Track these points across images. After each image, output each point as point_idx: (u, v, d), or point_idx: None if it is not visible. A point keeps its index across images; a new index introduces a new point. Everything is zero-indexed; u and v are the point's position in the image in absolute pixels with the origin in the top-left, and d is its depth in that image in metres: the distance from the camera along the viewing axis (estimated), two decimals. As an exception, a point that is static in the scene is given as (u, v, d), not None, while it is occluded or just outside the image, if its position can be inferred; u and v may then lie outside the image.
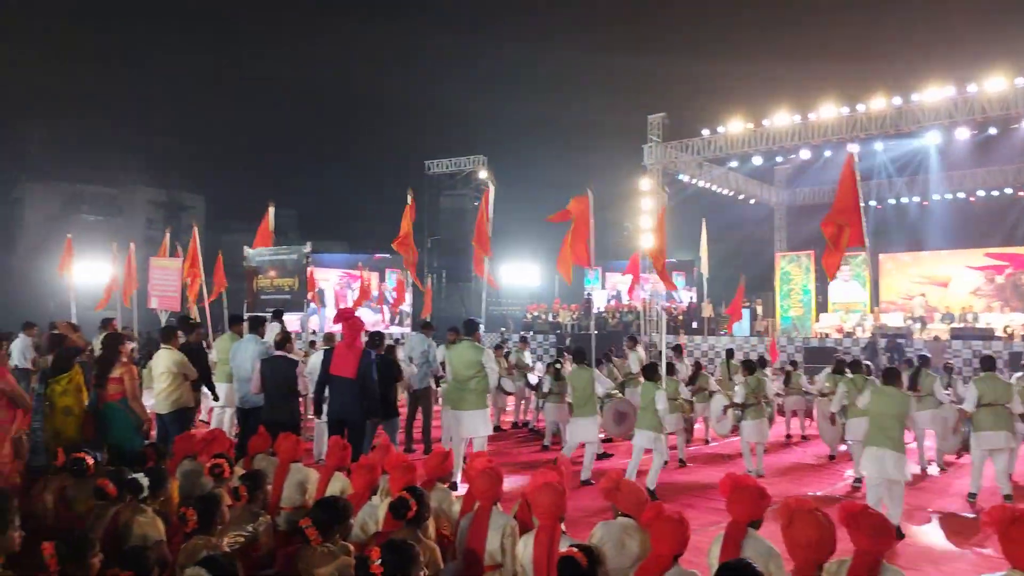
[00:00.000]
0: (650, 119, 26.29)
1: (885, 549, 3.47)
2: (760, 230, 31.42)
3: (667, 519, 3.53)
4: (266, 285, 12.08)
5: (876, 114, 21.44)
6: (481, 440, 7.77)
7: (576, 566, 3.22)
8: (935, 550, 6.33)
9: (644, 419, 8.26)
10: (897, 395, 6.70)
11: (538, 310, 30.11)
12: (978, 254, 25.35)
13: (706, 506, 7.53)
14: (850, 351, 21.00)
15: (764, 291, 28.53)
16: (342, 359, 7.13)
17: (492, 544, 4.09)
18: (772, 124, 23.36)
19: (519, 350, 13.97)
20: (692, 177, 26.85)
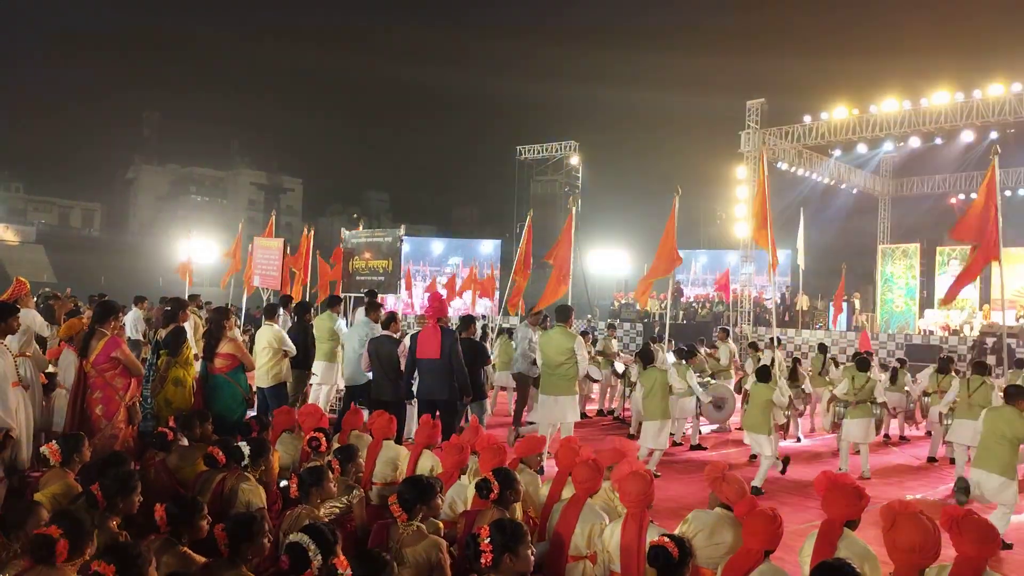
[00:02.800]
0: (748, 104, 25.55)
1: (989, 556, 3.32)
2: (862, 221, 30.17)
3: (760, 514, 3.48)
4: (361, 267, 12.41)
5: (994, 101, 20.22)
6: (568, 426, 7.80)
7: (667, 556, 3.21)
8: None
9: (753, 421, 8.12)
10: (1015, 416, 6.29)
11: (625, 298, 29.83)
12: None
13: (799, 504, 7.34)
14: (956, 350, 20.01)
15: (864, 284, 27.41)
16: (426, 341, 7.33)
17: (579, 536, 4.12)
18: (879, 110, 22.35)
19: (607, 337, 13.90)
20: (791, 165, 25.99)
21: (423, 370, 7.40)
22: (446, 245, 33.73)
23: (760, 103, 25.34)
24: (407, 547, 3.64)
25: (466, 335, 8.41)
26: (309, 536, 3.02)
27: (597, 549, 4.12)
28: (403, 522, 3.75)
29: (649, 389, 8.40)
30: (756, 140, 25.16)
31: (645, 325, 26.79)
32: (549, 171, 33.27)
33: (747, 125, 25.47)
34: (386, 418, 5.70)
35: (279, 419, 6.03)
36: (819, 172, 26.85)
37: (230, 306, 12.76)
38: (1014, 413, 6.31)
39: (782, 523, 3.48)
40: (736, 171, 25.91)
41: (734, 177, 26.01)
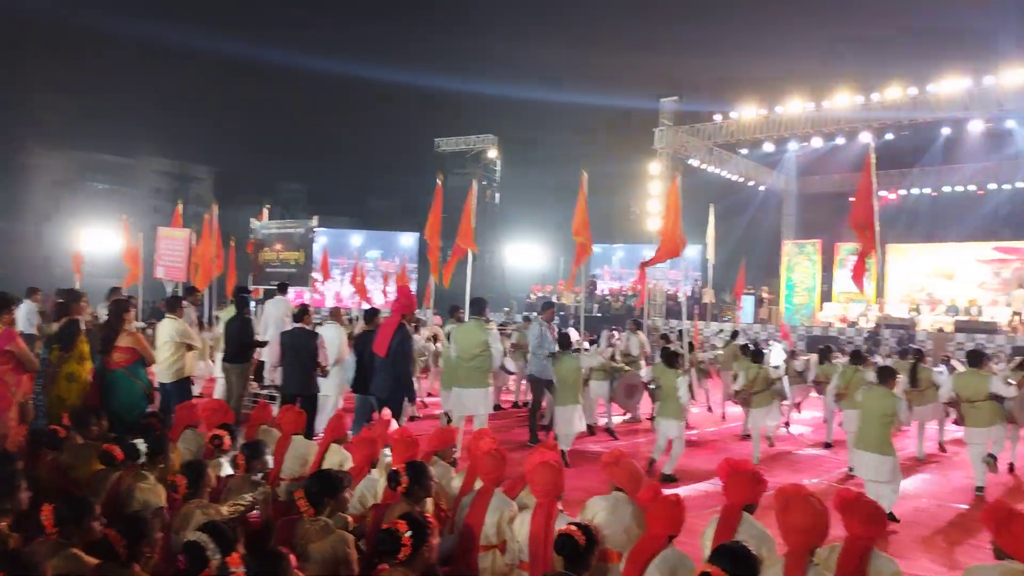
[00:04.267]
0: (662, 103, 26.14)
1: (877, 536, 3.50)
2: (768, 217, 31.30)
3: (664, 500, 3.57)
4: (272, 258, 12.12)
5: (891, 104, 21.28)
6: (481, 418, 7.82)
7: (574, 544, 3.25)
8: (928, 539, 6.36)
9: (667, 408, 8.29)
10: (886, 395, 6.68)
11: (542, 291, 30.11)
12: (987, 247, 25.21)
13: (704, 489, 7.57)
14: (853, 341, 21.00)
15: (770, 279, 28.48)
16: (381, 337, 7.26)
17: (489, 525, 4.14)
18: (785, 111, 23.22)
19: (522, 330, 13.98)
20: (702, 162, 26.72)
21: (377, 366, 7.35)
22: (365, 237, 33.28)
23: (673, 101, 25.95)
24: (312, 543, 3.58)
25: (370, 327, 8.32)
26: (208, 535, 2.93)
27: (507, 538, 4.15)
28: (309, 517, 3.68)
29: (562, 374, 8.52)
30: (669, 137, 25.76)
31: (561, 318, 27.10)
32: (467, 164, 33.23)
33: (661, 122, 26.04)
34: (295, 412, 5.59)
35: (181, 415, 5.82)
36: (729, 169, 27.71)
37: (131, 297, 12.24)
38: (885, 392, 6.68)
39: (684, 508, 3.58)
40: (650, 167, 26.47)
41: (648, 173, 26.56)
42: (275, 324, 9.38)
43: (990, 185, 26.61)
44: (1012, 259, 24.53)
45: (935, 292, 25.11)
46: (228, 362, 8.49)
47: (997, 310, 22.88)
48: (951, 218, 27.85)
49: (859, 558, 3.40)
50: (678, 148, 25.97)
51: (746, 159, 27.82)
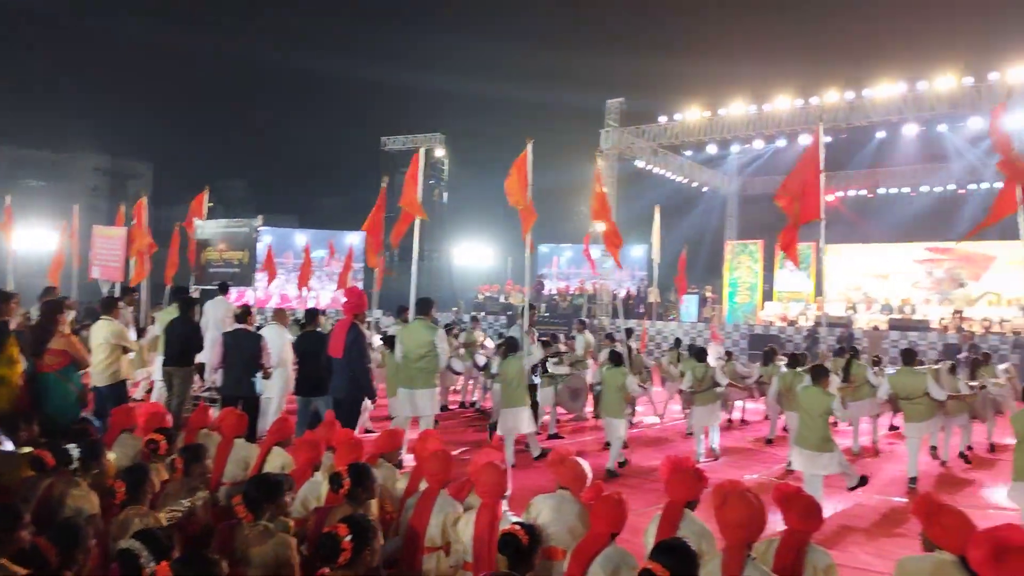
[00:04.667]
0: (608, 103, 26.37)
1: (813, 530, 3.60)
2: (712, 218, 31.87)
3: (607, 499, 3.61)
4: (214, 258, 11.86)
5: (829, 107, 21.85)
6: (427, 419, 7.78)
7: (517, 543, 3.27)
8: (863, 531, 6.55)
9: (610, 406, 8.38)
10: (821, 395, 6.87)
11: (490, 291, 30.13)
12: (919, 248, 26.07)
13: (647, 487, 7.67)
14: (792, 339, 21.53)
15: (714, 278, 28.99)
16: (335, 338, 7.17)
17: (434, 527, 4.14)
18: (728, 113, 23.65)
19: (470, 330, 13.99)
20: (647, 163, 27.06)
21: (335, 368, 7.28)
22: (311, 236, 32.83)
23: (619, 102, 26.21)
24: (253, 547, 3.52)
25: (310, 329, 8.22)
26: (142, 542, 2.86)
27: (452, 540, 4.14)
28: (249, 522, 3.62)
29: (510, 377, 8.53)
30: (615, 138, 26.02)
31: (509, 317, 27.16)
32: (414, 163, 33.03)
33: (607, 123, 26.28)
34: (236, 415, 5.49)
35: (116, 419, 5.66)
36: (673, 170, 28.11)
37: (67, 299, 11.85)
38: (819, 391, 6.88)
39: (627, 507, 3.62)
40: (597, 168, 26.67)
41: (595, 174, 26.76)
42: (216, 325, 9.20)
43: (923, 187, 27.57)
44: (944, 259, 25.42)
45: (871, 291, 25.88)
46: (170, 365, 8.29)
47: (930, 308, 23.70)
48: (886, 219, 28.80)
49: (796, 551, 3.49)
50: (624, 149, 26.25)
51: (690, 160, 28.27)
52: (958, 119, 21.43)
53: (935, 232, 27.02)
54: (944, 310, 23.35)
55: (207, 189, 14.35)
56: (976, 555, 2.81)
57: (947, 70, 20.06)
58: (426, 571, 4.15)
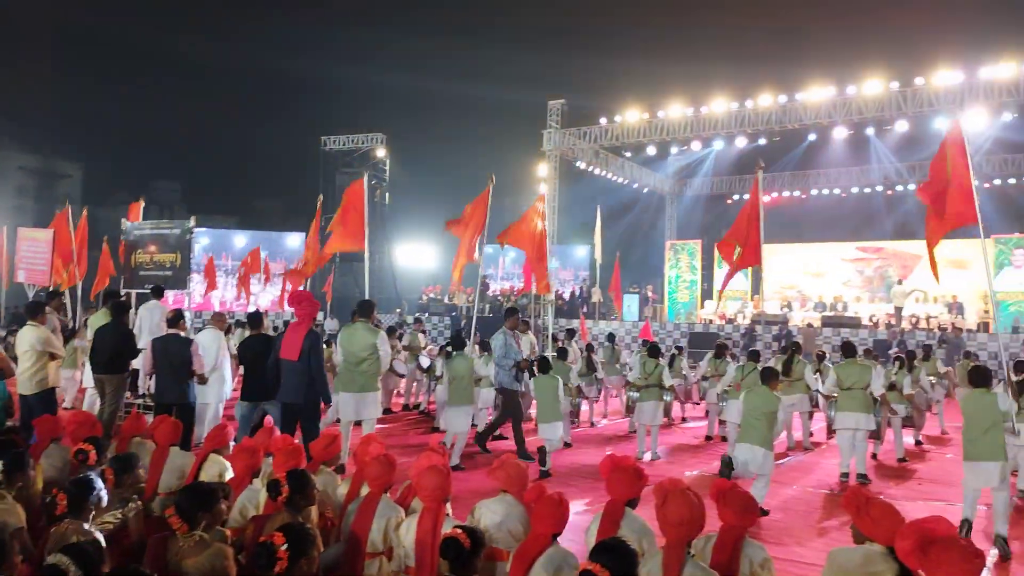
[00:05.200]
0: (550, 104, 26.52)
1: (749, 525, 3.68)
2: (652, 218, 32.35)
3: (548, 499, 3.62)
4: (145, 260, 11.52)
5: (763, 110, 22.39)
6: (370, 423, 7.70)
7: (459, 547, 3.25)
8: (797, 526, 6.72)
9: (546, 412, 8.40)
10: (768, 395, 7.04)
11: (434, 292, 30.01)
12: (850, 247, 26.93)
13: (590, 486, 7.73)
14: (731, 336, 21.99)
15: (654, 278, 29.44)
16: (290, 341, 6.99)
17: (375, 532, 4.10)
18: (666, 116, 24.02)
19: (413, 332, 13.91)
20: (589, 164, 27.31)
21: (285, 371, 7.06)
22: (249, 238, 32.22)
23: (561, 103, 26.38)
24: (188, 559, 3.42)
25: (255, 332, 8.06)
26: (69, 557, 2.76)
27: (393, 544, 4.11)
28: (183, 533, 3.52)
29: (455, 375, 8.52)
30: (557, 139, 26.18)
31: (452, 319, 27.10)
32: (355, 163, 32.64)
33: (549, 124, 26.43)
34: (171, 423, 5.34)
35: (44, 429, 5.44)
36: (614, 172, 28.43)
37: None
38: (768, 392, 7.06)
39: (568, 507, 3.64)
40: (539, 168, 26.82)
41: (537, 175, 26.90)
42: (150, 330, 8.95)
43: (853, 188, 28.47)
44: (873, 258, 26.31)
45: (805, 289, 26.63)
46: (101, 372, 8.02)
47: (861, 306, 24.50)
48: (819, 219, 29.70)
49: (732, 547, 3.56)
50: (566, 150, 26.44)
51: (630, 162, 28.64)
52: (885, 122, 22.20)
53: (865, 232, 28.01)
54: (875, 307, 24.16)
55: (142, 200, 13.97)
56: (903, 546, 2.91)
57: (875, 75, 20.77)
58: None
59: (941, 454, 10.41)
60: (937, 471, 9.19)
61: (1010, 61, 19.29)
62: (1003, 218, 26.25)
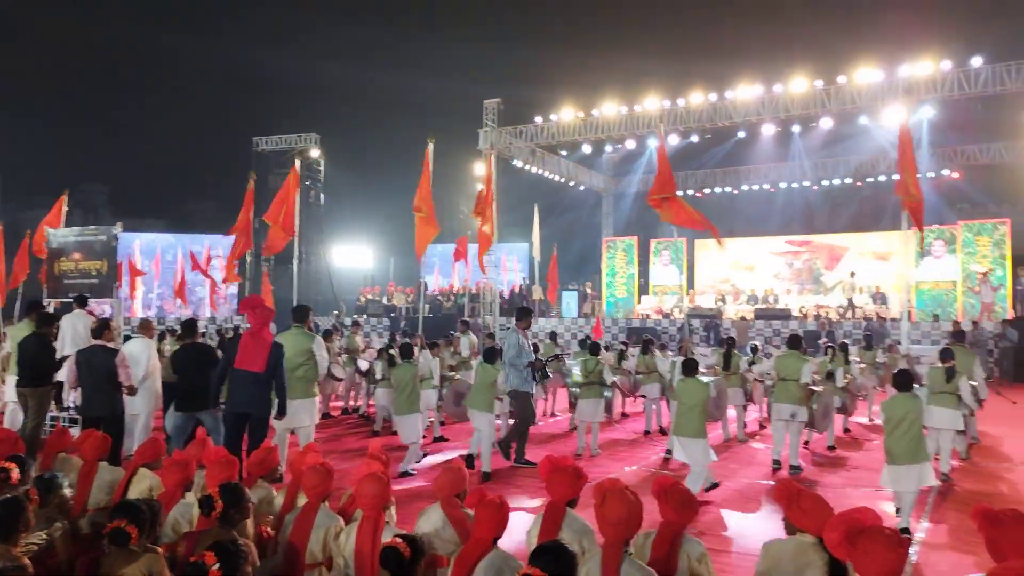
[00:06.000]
0: (486, 104, 26.52)
1: (688, 521, 3.74)
2: (589, 216, 32.67)
3: (487, 504, 3.61)
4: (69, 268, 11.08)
5: (694, 108, 22.83)
6: (307, 430, 7.58)
7: (399, 556, 3.23)
8: (734, 518, 6.88)
9: (478, 399, 8.39)
10: (698, 385, 7.18)
11: (372, 293, 29.71)
12: (779, 241, 27.69)
13: (532, 485, 7.76)
14: (667, 331, 22.37)
15: (592, 274, 29.74)
16: (249, 351, 6.74)
17: (315, 543, 4.04)
18: (601, 114, 24.28)
19: (351, 335, 13.74)
20: (525, 163, 27.42)
21: (239, 380, 6.81)
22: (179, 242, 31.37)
23: (497, 103, 26.41)
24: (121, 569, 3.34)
25: (190, 341, 7.84)
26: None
27: (333, 554, 4.06)
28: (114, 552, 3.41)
29: (401, 385, 8.43)
30: (493, 138, 26.21)
31: (391, 319, 26.89)
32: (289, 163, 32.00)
33: (485, 123, 26.43)
34: (98, 437, 5.16)
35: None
36: (551, 170, 28.61)
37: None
38: (696, 383, 7.21)
39: (508, 510, 3.65)
40: (476, 167, 26.82)
41: (474, 173, 26.91)
42: (74, 341, 8.61)
43: (781, 184, 29.26)
44: (802, 251, 27.10)
45: (738, 283, 27.28)
46: (24, 386, 7.70)
47: (791, 298, 25.21)
48: (749, 214, 30.48)
49: (670, 543, 3.63)
50: (502, 149, 26.49)
51: (566, 160, 28.87)
52: (811, 120, 22.89)
53: (793, 226, 28.85)
54: (804, 299, 24.89)
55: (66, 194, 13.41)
56: (831, 537, 3.00)
57: (800, 74, 21.40)
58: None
59: (870, 441, 10.79)
60: (866, 458, 9.51)
61: (927, 60, 20.09)
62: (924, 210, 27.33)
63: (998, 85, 19.55)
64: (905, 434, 6.32)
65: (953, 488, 7.84)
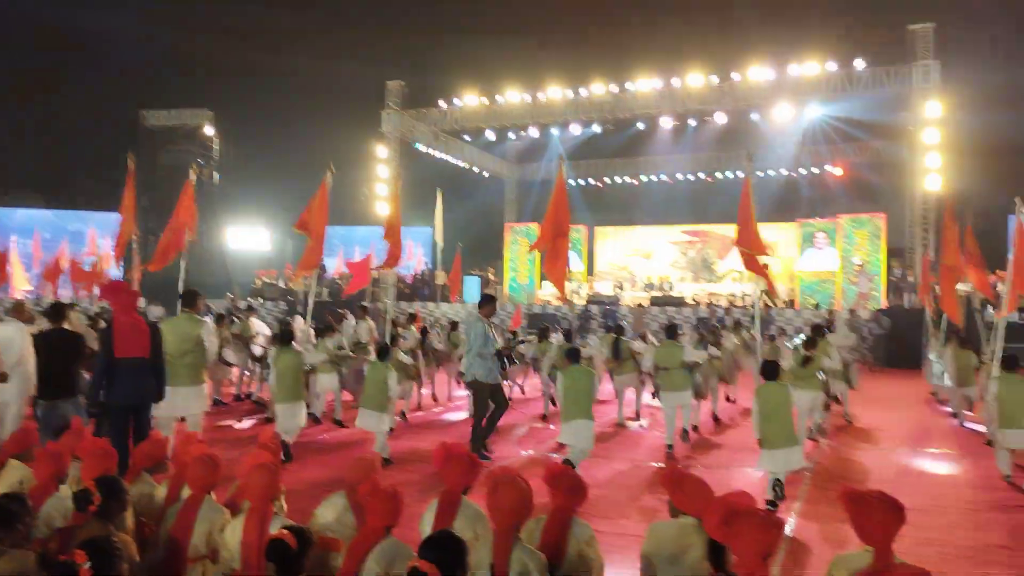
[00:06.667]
0: (388, 85, 26.16)
1: (578, 506, 3.83)
2: (492, 202, 32.76)
3: (380, 493, 3.59)
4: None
5: (596, 99, 23.21)
6: (195, 418, 7.32)
7: (285, 549, 3.16)
8: (623, 499, 7.07)
9: (370, 399, 8.26)
10: (585, 372, 7.36)
11: (268, 276, 28.87)
12: (675, 230, 28.56)
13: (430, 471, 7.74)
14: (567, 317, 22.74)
15: (495, 260, 29.87)
16: (128, 338, 6.33)
17: (198, 536, 3.91)
18: (505, 100, 24.34)
19: (245, 319, 13.32)
20: (428, 147, 27.23)
21: (124, 371, 6.35)
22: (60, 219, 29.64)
23: (400, 84, 26.09)
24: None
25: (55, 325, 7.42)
26: None
27: (218, 547, 3.94)
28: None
29: (282, 371, 8.22)
30: (396, 121, 25.90)
31: (289, 303, 26.23)
32: (180, 140, 30.68)
33: (387, 105, 26.07)
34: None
35: None
36: (454, 154, 28.52)
37: None
38: (582, 369, 7.38)
39: (402, 499, 3.63)
40: (378, 150, 26.41)
41: (376, 155, 26.49)
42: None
43: (678, 175, 30.18)
44: (696, 240, 28.04)
45: (635, 271, 28.00)
46: None
47: (685, 286, 26.07)
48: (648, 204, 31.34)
49: (560, 527, 3.70)
50: (405, 132, 26.21)
51: (470, 146, 28.84)
52: (706, 114, 23.67)
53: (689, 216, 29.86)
54: (698, 287, 25.79)
55: None
56: (710, 520, 3.14)
57: (696, 69, 22.07)
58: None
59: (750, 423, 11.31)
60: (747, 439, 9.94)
61: (814, 60, 21.09)
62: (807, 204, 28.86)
63: (878, 87, 20.75)
64: (778, 421, 6.73)
65: (825, 468, 8.32)
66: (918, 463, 8.63)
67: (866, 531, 3.09)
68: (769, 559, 2.99)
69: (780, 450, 6.68)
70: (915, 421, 11.54)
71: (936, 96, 20.28)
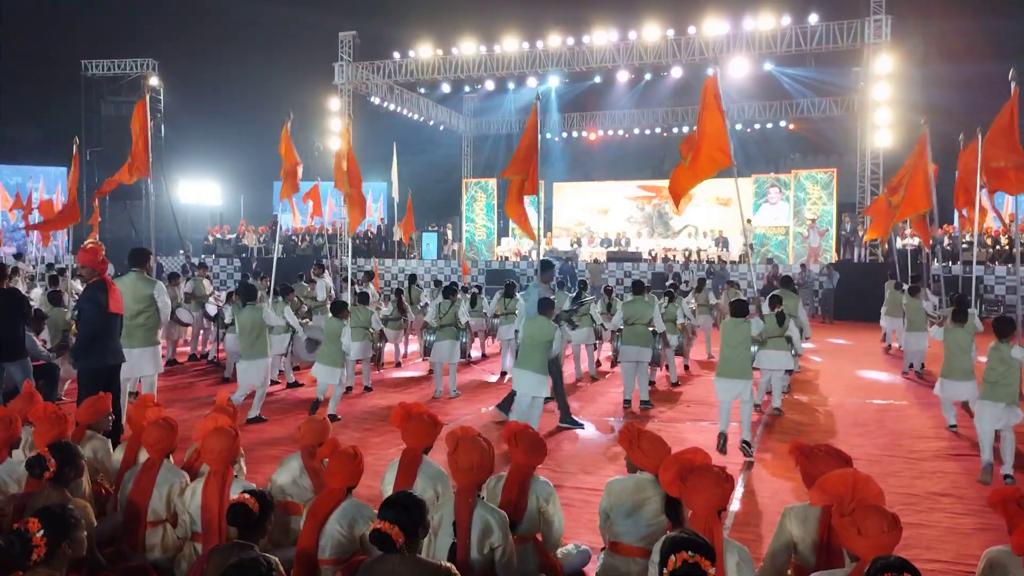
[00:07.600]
0: (341, 36, 25.51)
1: (537, 463, 3.90)
2: (449, 156, 32.42)
3: (340, 455, 3.61)
4: None
5: (553, 52, 22.96)
6: (150, 379, 7.21)
7: (247, 512, 3.17)
8: (583, 454, 7.21)
9: (326, 353, 8.24)
10: (547, 324, 7.36)
11: (220, 232, 28.31)
12: (632, 186, 28.66)
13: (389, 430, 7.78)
14: (526, 272, 22.80)
15: (453, 216, 29.67)
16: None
17: (157, 500, 3.90)
18: (460, 53, 23.93)
19: (198, 277, 13.07)
20: (383, 100, 26.76)
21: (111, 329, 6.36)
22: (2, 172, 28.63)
23: (352, 36, 25.45)
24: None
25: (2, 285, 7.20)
26: None
27: (178, 511, 3.93)
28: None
29: (245, 328, 8.14)
30: (349, 73, 25.33)
31: (243, 260, 25.82)
32: (124, 91, 29.58)
33: (340, 57, 25.46)
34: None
35: None
36: (409, 108, 28.05)
37: None
38: (545, 321, 7.35)
39: (362, 460, 3.66)
40: (331, 102, 25.86)
41: (329, 108, 25.94)
42: None
43: (635, 130, 30.19)
44: (652, 196, 28.17)
45: (592, 226, 28.10)
46: None
47: (641, 241, 26.27)
48: (605, 159, 31.36)
49: (520, 485, 3.77)
50: (359, 84, 25.68)
51: (426, 99, 28.38)
52: (663, 68, 23.62)
53: (645, 171, 29.99)
54: (653, 242, 26.02)
55: None
56: (665, 477, 3.23)
57: (653, 22, 21.94)
58: (150, 546, 3.92)
59: (708, 378, 11.54)
60: (704, 393, 10.17)
61: (768, 15, 21.11)
62: (762, 159, 29.16)
63: (831, 43, 20.88)
64: (737, 354, 7.06)
65: (777, 420, 8.57)
66: (867, 415, 8.92)
67: (814, 482, 3.21)
68: (723, 512, 3.10)
69: (733, 380, 7.01)
70: (865, 373, 11.90)
71: (887, 51, 20.50)
